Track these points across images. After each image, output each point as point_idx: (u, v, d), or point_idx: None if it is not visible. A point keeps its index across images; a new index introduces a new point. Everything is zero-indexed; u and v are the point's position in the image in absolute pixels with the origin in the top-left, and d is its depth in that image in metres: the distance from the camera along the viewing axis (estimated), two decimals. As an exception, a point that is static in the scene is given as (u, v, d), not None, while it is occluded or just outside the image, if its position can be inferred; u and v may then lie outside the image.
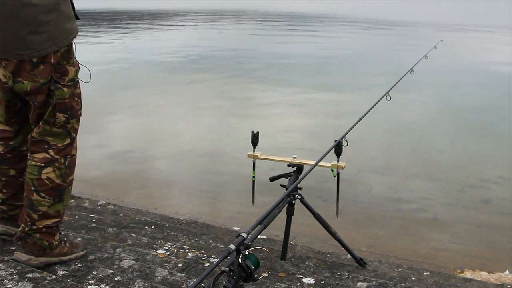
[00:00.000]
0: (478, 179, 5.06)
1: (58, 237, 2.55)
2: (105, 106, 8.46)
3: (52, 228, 2.49)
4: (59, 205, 2.48)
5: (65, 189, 2.49)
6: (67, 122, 2.45)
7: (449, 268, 3.06)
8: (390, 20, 29.39)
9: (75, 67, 2.46)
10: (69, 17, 2.37)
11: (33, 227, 2.44)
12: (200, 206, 4.50)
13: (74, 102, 2.47)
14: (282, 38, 19.40)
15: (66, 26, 2.35)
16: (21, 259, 2.49)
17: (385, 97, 3.45)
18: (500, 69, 11.95)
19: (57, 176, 2.44)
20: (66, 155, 2.47)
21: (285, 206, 2.56)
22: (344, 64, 12.95)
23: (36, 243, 2.47)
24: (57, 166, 2.43)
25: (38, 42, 2.27)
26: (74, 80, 2.45)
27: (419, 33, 20.87)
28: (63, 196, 2.49)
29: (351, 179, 4.92)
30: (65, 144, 2.46)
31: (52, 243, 2.51)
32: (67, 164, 2.47)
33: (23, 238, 2.47)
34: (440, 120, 7.47)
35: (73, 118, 2.48)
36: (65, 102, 2.42)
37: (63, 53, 2.36)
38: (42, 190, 2.42)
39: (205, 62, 13.41)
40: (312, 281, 2.56)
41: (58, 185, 2.45)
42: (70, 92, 2.44)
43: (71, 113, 2.46)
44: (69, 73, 2.41)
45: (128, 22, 28.28)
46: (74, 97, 2.47)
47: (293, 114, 7.82)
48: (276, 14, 36.69)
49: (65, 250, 2.59)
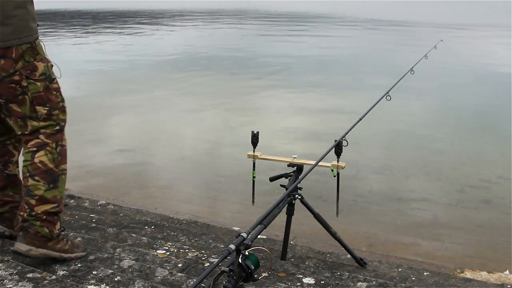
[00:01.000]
0: (478, 179, 5.06)
1: (59, 226, 2.58)
2: (105, 106, 8.47)
3: (52, 216, 2.53)
4: (54, 191, 2.53)
5: (59, 176, 2.56)
6: (50, 114, 2.54)
7: (449, 268, 3.05)
8: (390, 20, 29.39)
9: (45, 63, 2.53)
10: (33, 17, 2.49)
11: (32, 213, 2.48)
12: (200, 206, 4.50)
13: (51, 95, 2.55)
14: (283, 38, 19.39)
15: (31, 25, 2.46)
16: (21, 249, 2.50)
17: (385, 97, 3.45)
18: (500, 69, 11.94)
19: (50, 160, 2.52)
20: (57, 140, 2.56)
21: (285, 206, 2.56)
22: (344, 64, 12.94)
23: (38, 233, 2.49)
24: (49, 150, 2.52)
25: (2, 33, 2.36)
26: (46, 73, 2.52)
27: (419, 33, 20.87)
28: (57, 183, 2.55)
29: (351, 179, 4.92)
30: (55, 129, 2.56)
31: (53, 231, 2.54)
32: (58, 150, 2.56)
33: (25, 228, 2.50)
34: (440, 120, 7.47)
35: (55, 110, 2.56)
36: (41, 95, 2.50)
37: (26, 50, 2.44)
38: (36, 173, 2.49)
39: (205, 62, 13.41)
40: (312, 281, 2.56)
41: (51, 170, 2.52)
42: (44, 86, 2.51)
43: (51, 105, 2.54)
44: (39, 68, 2.49)
45: (129, 22, 28.27)
46: (51, 90, 2.55)
47: (293, 114, 7.82)
48: (276, 14, 36.68)
49: (66, 247, 2.62)
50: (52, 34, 20.99)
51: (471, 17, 32.74)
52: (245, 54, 14.93)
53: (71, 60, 13.35)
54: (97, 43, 18.02)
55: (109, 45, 17.56)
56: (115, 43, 18.25)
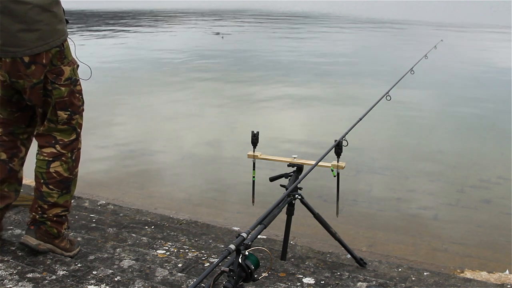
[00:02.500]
0: (478, 179, 5.06)
1: (66, 225, 2.68)
2: (106, 106, 8.46)
3: (61, 217, 2.62)
4: (67, 196, 2.61)
5: (72, 181, 2.62)
6: (70, 119, 2.53)
7: (449, 268, 3.05)
8: (390, 20, 29.39)
9: (71, 66, 2.50)
10: (61, 18, 2.43)
11: (44, 215, 2.57)
12: (200, 206, 4.50)
13: (74, 99, 2.54)
14: (283, 38, 19.39)
15: (58, 27, 2.40)
16: (30, 243, 2.59)
17: (385, 97, 3.45)
18: (500, 69, 11.94)
19: (65, 170, 2.55)
20: (72, 149, 2.58)
21: (285, 206, 2.56)
22: (344, 64, 12.94)
23: (48, 231, 2.60)
24: (64, 160, 2.54)
25: (29, 40, 2.32)
26: (71, 78, 2.50)
27: (420, 33, 20.87)
28: (70, 188, 2.62)
29: (351, 179, 4.92)
30: (71, 139, 2.57)
31: (61, 231, 2.65)
32: (73, 158, 2.59)
33: (37, 224, 2.59)
34: (440, 120, 7.47)
35: (76, 114, 2.56)
36: (65, 100, 2.48)
37: (55, 54, 2.41)
38: (51, 182, 2.53)
39: (206, 62, 13.41)
40: (312, 281, 2.56)
41: (66, 178, 2.57)
42: (69, 90, 2.49)
43: (73, 110, 2.53)
44: (65, 73, 2.46)
45: (130, 22, 28.29)
46: (75, 94, 2.53)
47: (293, 114, 7.82)
48: (276, 14, 36.69)
49: (67, 246, 2.71)
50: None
51: (471, 17, 32.74)
52: (246, 54, 14.93)
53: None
54: (98, 42, 18.03)
55: (111, 44, 17.56)
56: (115, 43, 18.26)
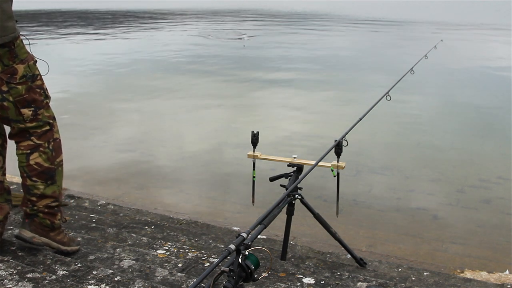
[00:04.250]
0: (478, 179, 5.06)
1: (59, 217, 2.68)
2: (106, 106, 8.47)
3: (53, 208, 2.63)
4: (53, 186, 2.60)
5: (55, 171, 2.60)
6: (36, 114, 2.51)
7: (449, 268, 3.05)
8: (390, 20, 29.39)
9: (25, 63, 2.45)
10: (10, 15, 2.38)
11: (34, 207, 2.59)
12: (200, 206, 4.50)
13: (35, 94, 2.50)
14: (283, 37, 19.39)
15: (7, 24, 2.35)
16: (25, 236, 2.61)
17: (385, 97, 3.45)
18: (500, 69, 11.94)
19: (44, 160, 2.55)
20: (48, 139, 2.57)
21: (285, 206, 2.56)
22: (344, 64, 12.95)
23: (41, 223, 2.62)
24: (42, 151, 2.54)
25: None
26: (27, 75, 2.46)
27: (420, 33, 20.86)
28: (54, 178, 2.60)
29: (351, 179, 4.92)
30: (44, 130, 2.55)
31: (54, 222, 2.65)
32: (51, 147, 2.57)
33: (31, 217, 2.61)
34: (440, 120, 7.47)
35: (40, 109, 2.53)
36: (25, 98, 2.46)
37: (4, 54, 2.37)
38: (33, 175, 2.54)
39: (206, 62, 13.41)
40: (312, 281, 2.56)
41: (48, 168, 2.56)
42: (26, 87, 2.46)
43: (36, 105, 2.51)
44: (19, 71, 2.42)
45: (131, 22, 28.28)
46: (34, 89, 2.50)
47: (293, 114, 7.82)
48: (277, 13, 36.68)
49: (65, 240, 2.72)
50: (54, 33, 21.02)
51: (471, 17, 32.74)
52: (246, 54, 14.92)
53: (70, 60, 13.37)
54: (98, 43, 18.03)
55: (111, 45, 17.56)
56: (115, 43, 18.26)
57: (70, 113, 7.78)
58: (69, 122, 7.00)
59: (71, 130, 6.56)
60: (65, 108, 7.91)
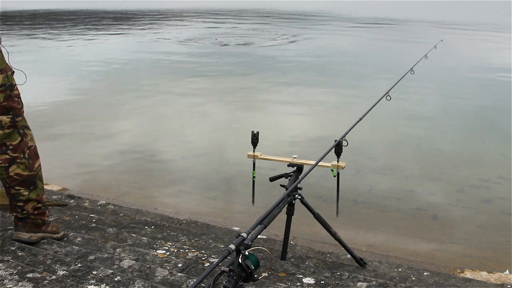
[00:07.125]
0: (478, 179, 5.06)
1: (48, 213, 2.94)
2: (106, 106, 8.47)
3: (40, 208, 2.86)
4: (36, 190, 2.80)
5: (35, 176, 2.80)
6: (14, 121, 2.64)
7: (449, 268, 3.06)
8: (391, 20, 29.39)
9: (4, 73, 2.55)
10: None
11: (24, 212, 2.81)
12: (200, 206, 4.50)
13: (14, 103, 2.63)
14: (283, 37, 19.38)
15: None
16: (23, 237, 2.83)
17: (385, 97, 3.45)
18: (500, 69, 11.93)
19: (23, 169, 2.73)
20: (22, 150, 2.72)
21: (285, 206, 2.56)
22: (344, 64, 12.94)
23: (33, 222, 2.86)
24: (19, 162, 2.71)
25: None
26: (5, 85, 2.56)
27: (420, 33, 20.86)
28: (36, 183, 2.80)
29: (351, 179, 4.92)
30: (17, 142, 2.69)
31: (45, 220, 2.90)
32: (27, 156, 2.74)
33: (23, 219, 2.83)
34: (440, 120, 7.47)
35: (18, 117, 2.67)
36: (4, 105, 2.58)
37: None
38: (15, 184, 2.74)
39: (206, 62, 13.41)
40: (312, 281, 2.56)
41: (28, 176, 2.75)
42: (5, 96, 2.57)
43: (14, 113, 2.64)
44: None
45: (132, 22, 28.29)
46: (13, 98, 2.62)
47: (294, 114, 7.82)
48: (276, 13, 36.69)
49: (54, 229, 2.97)
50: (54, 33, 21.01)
51: (471, 17, 32.74)
52: (247, 54, 14.92)
53: (70, 59, 13.37)
54: (98, 42, 18.03)
55: (112, 45, 17.56)
56: (116, 42, 18.26)
57: (69, 112, 7.79)
58: (68, 122, 7.00)
59: (70, 130, 6.57)
60: (65, 108, 7.91)
